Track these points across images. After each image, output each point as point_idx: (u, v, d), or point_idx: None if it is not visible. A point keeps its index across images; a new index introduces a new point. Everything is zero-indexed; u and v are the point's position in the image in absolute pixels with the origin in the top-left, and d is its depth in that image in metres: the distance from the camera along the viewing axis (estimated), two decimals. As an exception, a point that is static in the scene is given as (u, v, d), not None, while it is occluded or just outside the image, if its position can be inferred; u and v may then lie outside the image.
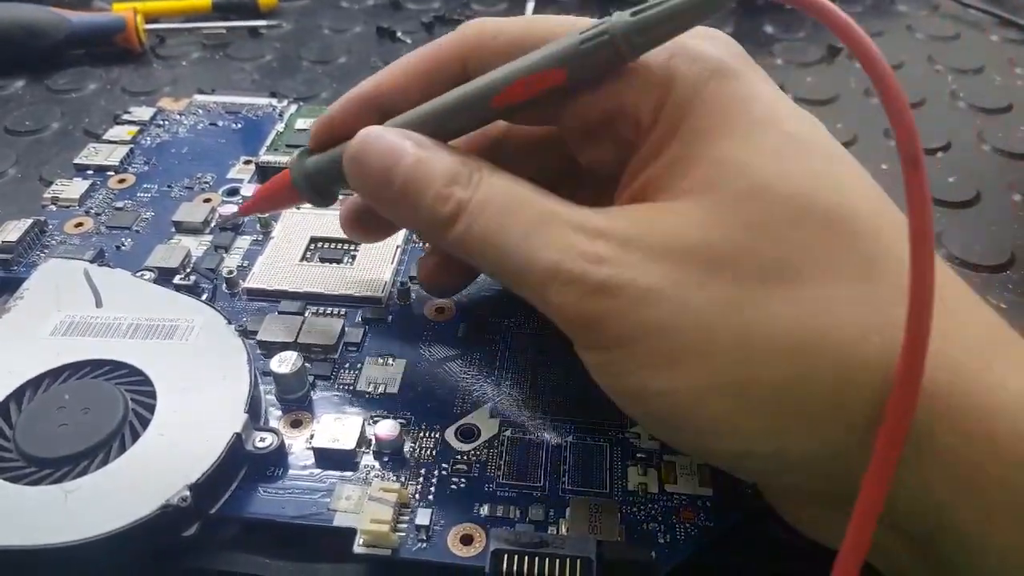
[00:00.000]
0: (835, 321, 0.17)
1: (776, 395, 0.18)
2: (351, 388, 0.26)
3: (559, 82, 0.21)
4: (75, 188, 0.35)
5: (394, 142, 0.21)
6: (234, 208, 0.33)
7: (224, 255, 0.32)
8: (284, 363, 0.25)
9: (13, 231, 0.32)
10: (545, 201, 0.20)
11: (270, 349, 0.27)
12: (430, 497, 0.23)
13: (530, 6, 0.55)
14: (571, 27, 0.21)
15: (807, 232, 0.18)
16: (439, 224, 0.20)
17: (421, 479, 0.24)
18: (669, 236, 0.19)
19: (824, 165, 0.19)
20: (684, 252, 0.18)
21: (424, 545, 0.22)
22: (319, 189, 0.25)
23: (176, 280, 0.30)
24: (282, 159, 0.35)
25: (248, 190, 0.35)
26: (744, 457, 0.19)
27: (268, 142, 0.36)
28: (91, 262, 0.30)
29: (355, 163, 0.22)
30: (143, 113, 0.41)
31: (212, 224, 0.33)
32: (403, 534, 0.22)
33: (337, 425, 0.24)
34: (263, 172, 0.35)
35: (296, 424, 0.25)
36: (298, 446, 0.24)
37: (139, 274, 0.30)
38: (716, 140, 0.19)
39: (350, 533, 0.22)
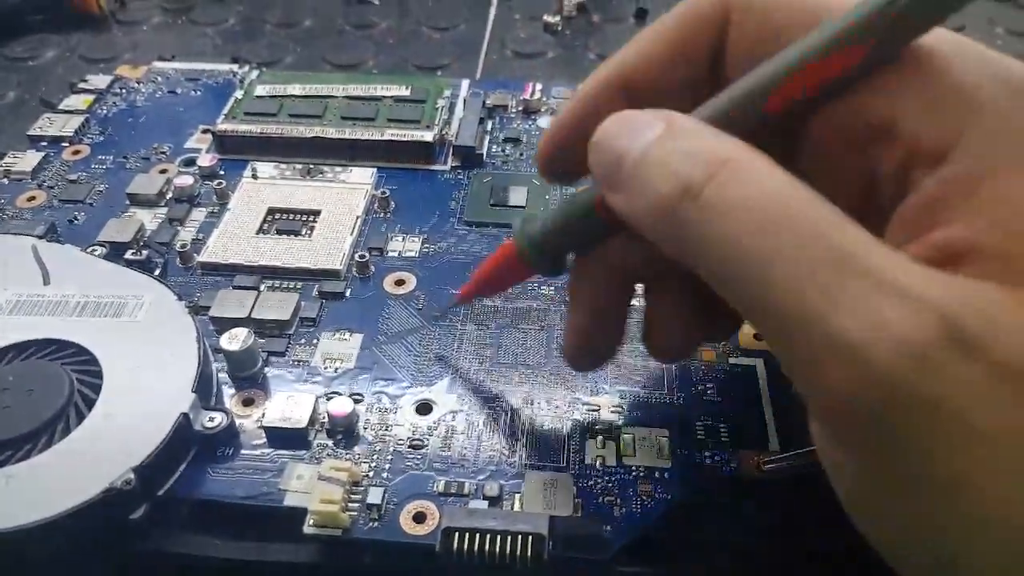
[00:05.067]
0: None
1: None
2: (306, 364, 0.26)
3: (852, 65, 0.16)
4: (28, 160, 0.34)
5: (646, 115, 0.17)
6: (187, 175, 0.32)
7: (179, 228, 0.31)
8: (234, 340, 0.25)
9: (-38, 206, 0.31)
10: (841, 229, 0.14)
11: (223, 325, 0.26)
12: (384, 475, 0.23)
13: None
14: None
15: None
16: (654, 208, 0.16)
17: (375, 456, 0.23)
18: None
19: None
20: None
21: (376, 524, 0.21)
22: (553, 257, 0.21)
23: (127, 255, 0.29)
24: (240, 127, 0.34)
25: (205, 160, 0.34)
26: None
27: (226, 110, 0.35)
28: (42, 237, 0.29)
29: (597, 142, 0.18)
30: (100, 81, 0.39)
31: (168, 196, 0.32)
32: (354, 514, 0.21)
33: (289, 403, 0.24)
34: (220, 141, 0.34)
35: (248, 402, 0.25)
36: (250, 425, 0.24)
37: (90, 249, 0.29)
38: None
39: (301, 513, 0.21)
